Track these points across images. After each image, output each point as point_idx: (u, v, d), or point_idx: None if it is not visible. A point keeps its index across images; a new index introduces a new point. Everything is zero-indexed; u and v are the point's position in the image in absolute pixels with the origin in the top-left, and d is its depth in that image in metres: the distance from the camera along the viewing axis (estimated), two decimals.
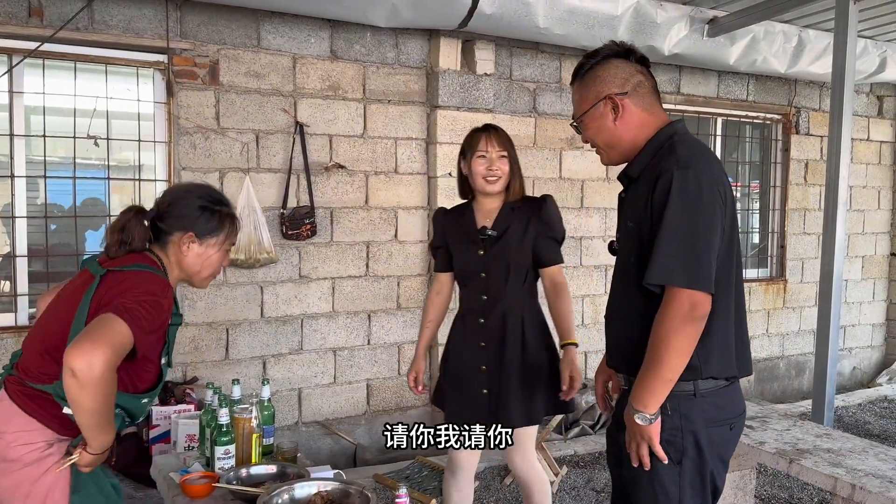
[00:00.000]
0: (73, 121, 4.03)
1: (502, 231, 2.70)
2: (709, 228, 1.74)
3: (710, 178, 1.77)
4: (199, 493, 2.38)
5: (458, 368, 2.79)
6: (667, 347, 1.72)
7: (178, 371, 4.26)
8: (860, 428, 5.27)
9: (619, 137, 1.93)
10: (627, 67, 1.92)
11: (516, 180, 2.76)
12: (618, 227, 2.04)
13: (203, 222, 2.05)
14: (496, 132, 2.75)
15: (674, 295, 1.72)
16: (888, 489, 2.70)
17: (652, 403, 1.77)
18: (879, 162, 6.94)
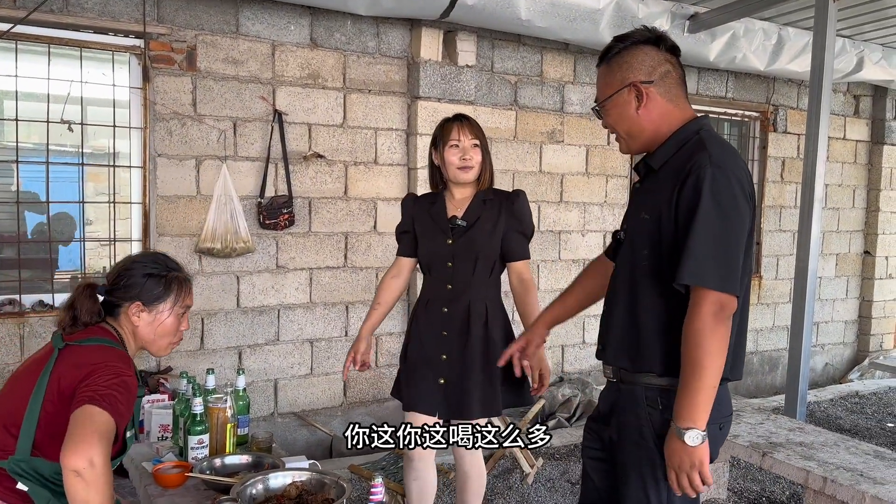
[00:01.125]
0: (46, 106, 3.95)
1: (472, 221, 2.70)
2: (740, 231, 1.72)
3: (741, 179, 1.74)
4: (171, 483, 2.34)
5: (418, 356, 2.78)
6: (707, 352, 1.66)
7: (152, 360, 4.21)
8: (831, 423, 5.34)
9: (641, 127, 1.87)
10: (657, 55, 1.86)
11: (487, 170, 2.76)
12: (627, 216, 1.98)
13: (149, 290, 2.03)
14: (468, 121, 2.75)
15: (704, 297, 1.68)
16: (858, 482, 2.74)
17: (702, 417, 1.68)
18: (855, 161, 7.03)
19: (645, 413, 1.83)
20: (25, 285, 4.04)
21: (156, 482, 2.37)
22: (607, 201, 5.65)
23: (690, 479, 1.71)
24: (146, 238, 4.18)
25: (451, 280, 2.72)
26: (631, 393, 1.87)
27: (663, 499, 1.82)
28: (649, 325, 1.81)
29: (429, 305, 2.79)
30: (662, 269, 1.77)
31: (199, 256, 4.26)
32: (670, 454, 1.73)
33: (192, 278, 2.19)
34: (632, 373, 1.87)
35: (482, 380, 2.68)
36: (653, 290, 1.80)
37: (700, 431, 1.68)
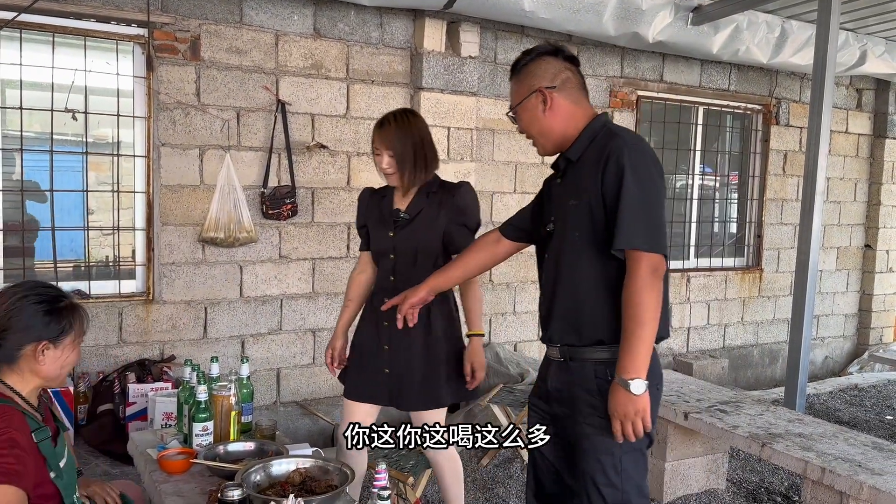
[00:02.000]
0: (50, 95, 3.96)
1: (414, 214, 2.71)
2: (661, 198, 1.97)
3: (653, 156, 2.00)
4: (176, 469, 2.37)
5: (362, 345, 2.84)
6: (645, 308, 1.86)
7: (156, 349, 4.24)
8: (830, 415, 5.37)
9: (549, 128, 2.10)
10: (557, 64, 2.10)
11: (408, 172, 2.69)
12: (554, 209, 2.16)
13: (54, 325, 1.90)
14: (382, 129, 2.71)
15: (639, 259, 1.89)
16: (856, 472, 2.76)
17: (643, 368, 1.88)
18: (857, 154, 7.03)
19: (596, 386, 2.00)
20: (29, 273, 4.06)
21: (161, 468, 2.40)
22: None
23: (634, 426, 1.90)
24: (150, 227, 4.20)
25: (393, 272, 2.75)
26: (582, 370, 2.05)
27: (618, 465, 1.99)
28: (592, 299, 2.01)
29: (374, 296, 2.83)
30: (597, 245, 1.98)
31: (202, 246, 4.28)
32: (615, 405, 1.91)
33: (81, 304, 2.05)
34: (580, 348, 2.04)
35: (423, 371, 2.71)
36: (590, 267, 2.01)
37: (643, 381, 1.88)
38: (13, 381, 1.89)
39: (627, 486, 2.01)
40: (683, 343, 6.26)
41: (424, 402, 2.73)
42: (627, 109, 5.72)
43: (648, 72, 5.77)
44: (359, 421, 2.70)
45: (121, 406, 3.89)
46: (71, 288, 4.10)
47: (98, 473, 3.60)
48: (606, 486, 2.00)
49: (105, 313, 4.09)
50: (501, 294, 5.34)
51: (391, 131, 2.70)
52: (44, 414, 1.97)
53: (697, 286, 6.24)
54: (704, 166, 6.42)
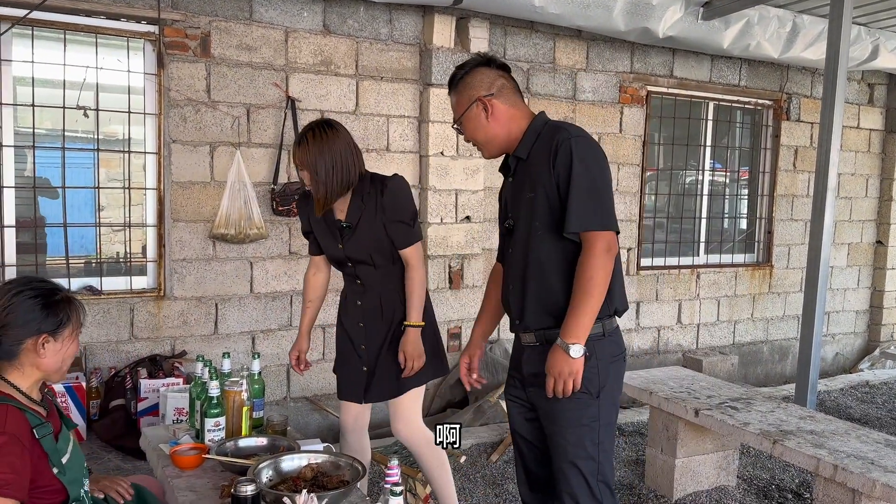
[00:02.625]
0: (62, 92, 3.98)
1: (355, 223, 2.70)
2: (607, 181, 2.11)
3: (596, 142, 2.15)
4: (188, 465, 2.39)
5: (343, 347, 2.89)
6: (595, 282, 2.02)
7: (167, 345, 4.26)
8: (842, 412, 5.34)
9: (494, 133, 2.23)
10: (490, 73, 2.23)
11: (321, 191, 2.62)
12: (510, 206, 2.28)
13: (52, 318, 1.91)
14: (302, 148, 2.63)
15: (593, 238, 2.04)
16: (869, 470, 2.75)
17: (584, 335, 2.04)
18: (868, 150, 6.99)
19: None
20: (41, 270, 4.09)
21: (173, 464, 2.41)
22: (619, 189, 5.64)
23: (566, 385, 2.05)
24: (161, 223, 4.21)
25: (357, 276, 2.78)
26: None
27: (596, 438, 2.14)
28: (561, 281, 2.13)
29: (347, 298, 2.87)
30: (556, 229, 2.11)
31: (213, 242, 4.30)
32: (553, 363, 2.06)
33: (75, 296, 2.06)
34: (554, 329, 2.12)
35: (390, 363, 2.77)
36: (554, 251, 2.13)
37: (582, 346, 2.03)
38: (14, 378, 1.90)
39: (603, 458, 2.16)
40: (693, 340, 6.24)
41: (391, 392, 2.79)
42: (637, 105, 5.70)
43: (658, 67, 5.75)
44: (352, 419, 2.88)
45: (132, 401, 3.91)
46: (82, 284, 4.13)
47: (110, 468, 3.62)
48: (585, 460, 2.14)
49: (116, 309, 4.11)
50: None
51: (308, 150, 2.61)
52: (48, 409, 1.97)
53: (707, 282, 6.22)
54: (714, 162, 6.39)
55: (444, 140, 4.82)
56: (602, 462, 2.15)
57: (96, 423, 3.94)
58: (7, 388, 1.87)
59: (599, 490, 2.16)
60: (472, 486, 3.79)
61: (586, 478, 2.14)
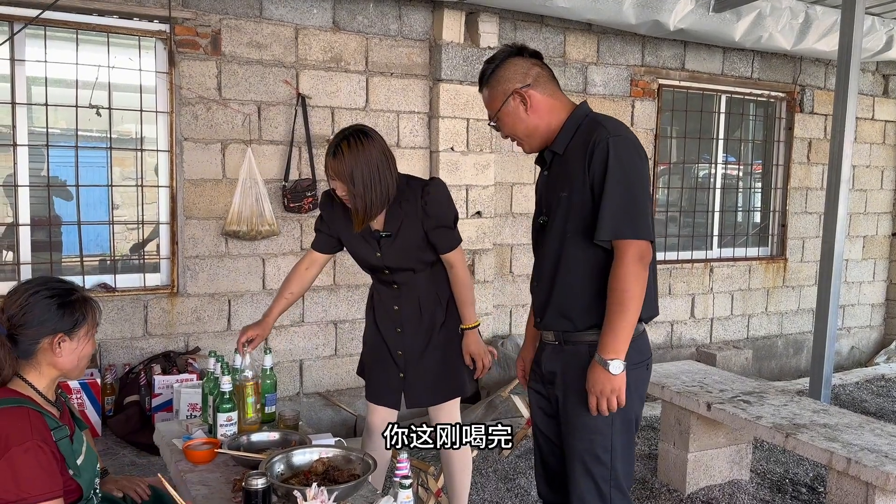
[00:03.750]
0: (74, 91, 4.02)
1: (395, 232, 2.61)
2: (645, 185, 2.00)
3: (636, 143, 2.03)
4: (201, 459, 2.40)
5: (379, 350, 2.81)
6: (630, 295, 1.93)
7: (181, 341, 4.29)
8: (857, 406, 5.30)
9: (534, 125, 2.13)
10: (524, 62, 2.12)
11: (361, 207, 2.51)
12: (545, 202, 2.19)
13: (68, 318, 1.92)
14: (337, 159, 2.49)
15: (625, 246, 1.95)
16: (883, 463, 2.73)
17: (623, 350, 1.96)
18: (883, 142, 6.92)
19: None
20: (56, 268, 4.13)
21: (186, 458, 2.43)
22: None
23: (609, 402, 1.98)
24: (174, 221, 4.25)
25: (394, 281, 2.72)
26: (576, 353, 2.10)
27: (608, 445, 2.07)
28: (586, 286, 2.06)
29: (381, 302, 2.80)
30: (588, 234, 2.02)
31: (225, 239, 4.32)
32: (594, 382, 1.98)
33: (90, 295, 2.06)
34: (574, 332, 2.09)
35: (437, 367, 2.72)
36: (583, 254, 2.05)
37: (622, 362, 1.95)
38: (31, 377, 1.92)
39: (617, 465, 2.09)
40: (707, 334, 6.21)
41: (431, 399, 2.75)
42: (649, 98, 5.67)
43: (670, 60, 5.71)
44: (381, 421, 2.77)
45: (147, 397, 3.95)
46: (97, 281, 4.17)
47: (125, 464, 3.66)
48: (596, 465, 2.08)
49: (130, 306, 4.15)
50: (522, 285, 5.33)
51: (343, 162, 2.48)
52: (61, 409, 1.99)
53: (721, 276, 6.19)
54: (727, 155, 6.35)
55: (454, 135, 4.82)
56: (616, 468, 2.09)
57: (111, 419, 3.98)
58: (25, 388, 1.89)
59: (612, 496, 2.10)
60: (485, 481, 3.79)
61: (597, 483, 2.09)
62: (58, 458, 1.84)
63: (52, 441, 1.84)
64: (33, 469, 1.75)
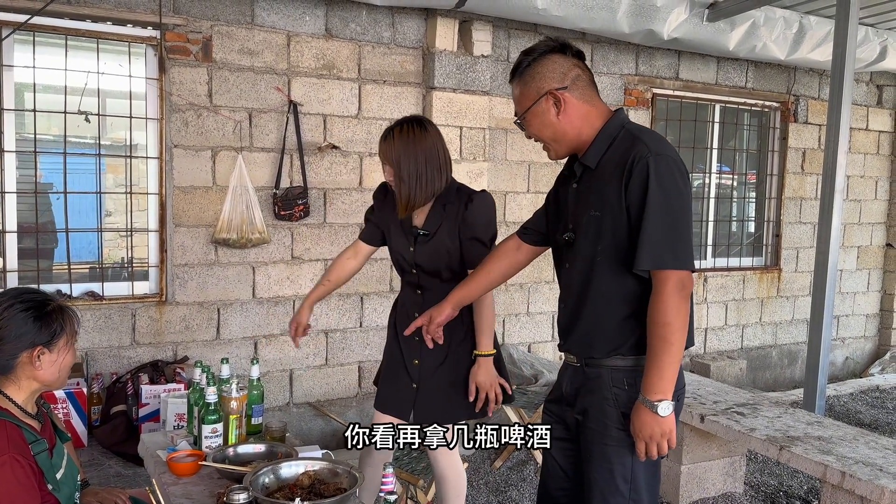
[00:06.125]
0: (63, 97, 3.98)
1: (433, 232, 2.58)
2: (688, 210, 1.85)
3: (678, 162, 1.86)
4: (185, 472, 2.36)
5: (393, 358, 2.76)
6: (674, 328, 1.79)
7: (169, 350, 4.24)
8: (851, 417, 5.28)
9: (563, 131, 1.96)
10: (565, 62, 1.94)
11: (406, 190, 2.52)
12: (572, 217, 2.02)
13: (45, 330, 1.88)
14: (387, 143, 2.54)
15: (666, 277, 1.80)
16: (877, 477, 2.70)
17: (670, 389, 1.81)
18: (878, 152, 6.92)
19: (611, 394, 1.94)
20: (44, 275, 4.08)
21: (170, 471, 2.38)
22: None
23: (660, 447, 1.84)
24: (163, 228, 4.20)
25: (420, 286, 2.66)
26: (598, 376, 1.97)
27: (628, 475, 1.93)
28: (614, 312, 1.92)
29: (403, 308, 2.75)
30: (620, 259, 1.87)
31: (214, 247, 4.28)
32: (641, 426, 1.84)
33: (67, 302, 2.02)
34: (598, 358, 1.96)
35: (451, 387, 2.64)
36: (613, 280, 1.91)
37: (670, 402, 1.81)
38: (11, 391, 1.88)
39: (635, 496, 1.95)
40: (701, 344, 6.18)
41: (442, 417, 2.61)
42: (643, 107, 5.66)
43: (664, 69, 5.71)
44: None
45: (134, 407, 3.89)
46: (84, 289, 4.12)
47: (110, 475, 3.60)
48: (614, 496, 1.95)
49: (118, 315, 4.10)
50: (515, 295, 5.30)
51: (393, 146, 2.52)
52: (42, 422, 1.95)
53: (715, 286, 6.17)
54: (721, 165, 6.34)
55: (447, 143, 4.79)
56: (634, 500, 1.95)
57: (97, 429, 3.92)
58: (2, 401, 1.86)
59: None
60: (475, 493, 3.75)
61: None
62: (36, 473, 1.80)
63: (30, 455, 1.80)
64: (9, 484, 1.71)
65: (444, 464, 2.78)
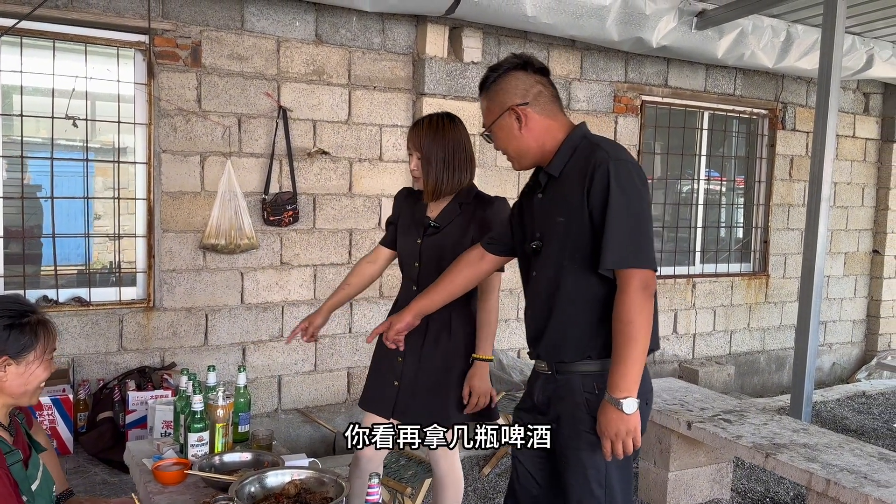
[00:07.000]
0: (51, 101, 3.96)
1: (444, 225, 2.63)
2: (647, 212, 1.93)
3: (637, 166, 1.95)
4: (171, 480, 2.35)
5: (378, 355, 2.79)
6: (637, 327, 1.84)
7: (157, 356, 4.22)
8: (838, 423, 5.31)
9: (527, 145, 2.05)
10: (527, 78, 2.04)
11: (432, 177, 2.59)
12: (538, 226, 2.08)
13: (14, 341, 1.85)
14: (415, 130, 2.64)
15: (630, 276, 1.86)
16: (862, 484, 2.72)
17: (634, 387, 1.85)
18: (864, 159, 6.97)
19: (583, 399, 1.98)
20: (30, 280, 4.06)
21: (155, 479, 2.37)
22: None
23: (625, 445, 1.88)
24: (150, 234, 4.19)
25: (417, 281, 2.67)
26: (568, 383, 2.02)
27: (602, 479, 1.97)
28: (583, 315, 1.98)
29: (397, 306, 2.76)
30: (586, 262, 1.94)
31: (203, 252, 4.27)
32: (607, 424, 1.87)
33: (50, 318, 1.99)
34: (568, 363, 2.01)
35: (433, 385, 2.64)
36: (581, 283, 1.97)
37: (635, 399, 1.85)
38: None
39: (610, 500, 1.99)
40: (689, 349, 6.21)
41: (428, 417, 2.58)
42: (632, 114, 5.68)
43: (653, 76, 5.73)
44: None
45: (120, 414, 3.87)
46: (71, 295, 4.10)
47: (96, 482, 3.58)
48: (590, 500, 1.98)
49: (105, 320, 4.08)
50: (504, 300, 5.31)
51: (422, 133, 2.61)
52: (15, 434, 1.92)
53: (703, 292, 6.19)
54: (710, 170, 6.37)
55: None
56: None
57: (83, 435, 3.90)
58: None
59: None
60: (464, 500, 3.74)
61: None
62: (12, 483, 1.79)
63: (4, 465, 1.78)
64: None
65: (444, 467, 2.78)
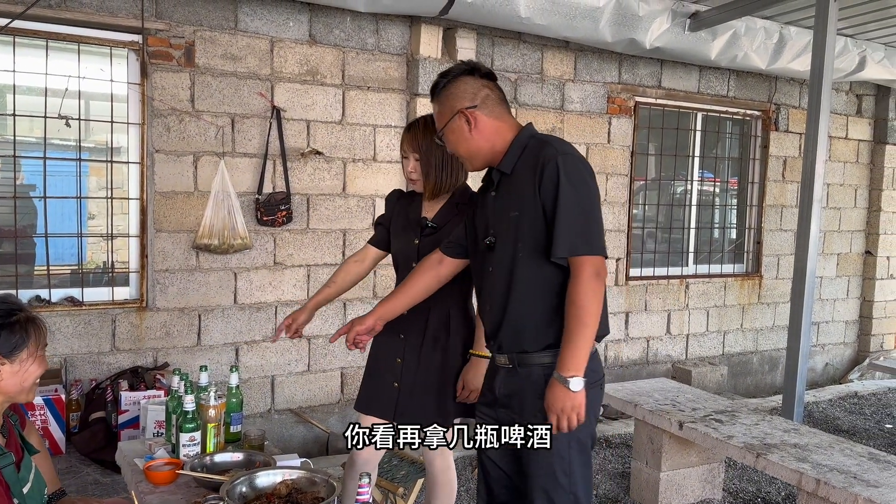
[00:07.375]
0: (44, 101, 3.95)
1: (441, 225, 2.63)
2: (596, 202, 2.04)
3: (583, 160, 2.07)
4: (162, 481, 2.35)
5: (376, 357, 2.77)
6: (588, 311, 1.94)
7: (149, 356, 4.22)
8: (830, 423, 5.33)
9: (477, 146, 2.15)
10: (475, 82, 2.14)
11: (432, 177, 2.61)
12: (492, 222, 2.17)
13: (5, 341, 1.85)
14: (410, 131, 2.65)
15: (582, 263, 1.97)
16: (852, 484, 2.73)
17: (582, 367, 1.96)
18: (857, 160, 7.00)
19: (543, 391, 2.03)
20: (22, 280, 4.05)
21: (147, 479, 2.37)
22: (607, 199, 5.64)
23: (570, 420, 1.97)
24: (143, 233, 4.18)
25: None
26: (529, 376, 2.09)
27: (567, 468, 2.06)
28: (540, 306, 2.06)
29: None
30: (540, 252, 2.03)
31: (196, 252, 4.26)
32: (553, 400, 1.97)
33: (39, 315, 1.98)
34: (528, 354, 2.09)
35: (435, 385, 2.63)
36: (536, 273, 2.06)
37: (582, 378, 1.95)
38: None
39: (576, 488, 2.08)
40: (682, 350, 6.23)
41: (430, 417, 2.59)
42: (625, 116, 5.70)
43: (646, 78, 5.75)
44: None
45: (113, 414, 3.87)
46: (64, 294, 4.09)
47: (88, 482, 3.57)
48: (555, 489, 2.06)
49: (98, 320, 4.08)
50: None
51: (419, 135, 2.61)
52: (8, 436, 1.92)
53: (696, 293, 6.21)
54: (704, 171, 6.39)
55: None
56: (576, 492, 2.08)
57: (76, 435, 3.89)
58: None
59: None
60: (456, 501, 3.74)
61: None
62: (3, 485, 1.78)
63: None
64: None
65: (439, 466, 2.78)
